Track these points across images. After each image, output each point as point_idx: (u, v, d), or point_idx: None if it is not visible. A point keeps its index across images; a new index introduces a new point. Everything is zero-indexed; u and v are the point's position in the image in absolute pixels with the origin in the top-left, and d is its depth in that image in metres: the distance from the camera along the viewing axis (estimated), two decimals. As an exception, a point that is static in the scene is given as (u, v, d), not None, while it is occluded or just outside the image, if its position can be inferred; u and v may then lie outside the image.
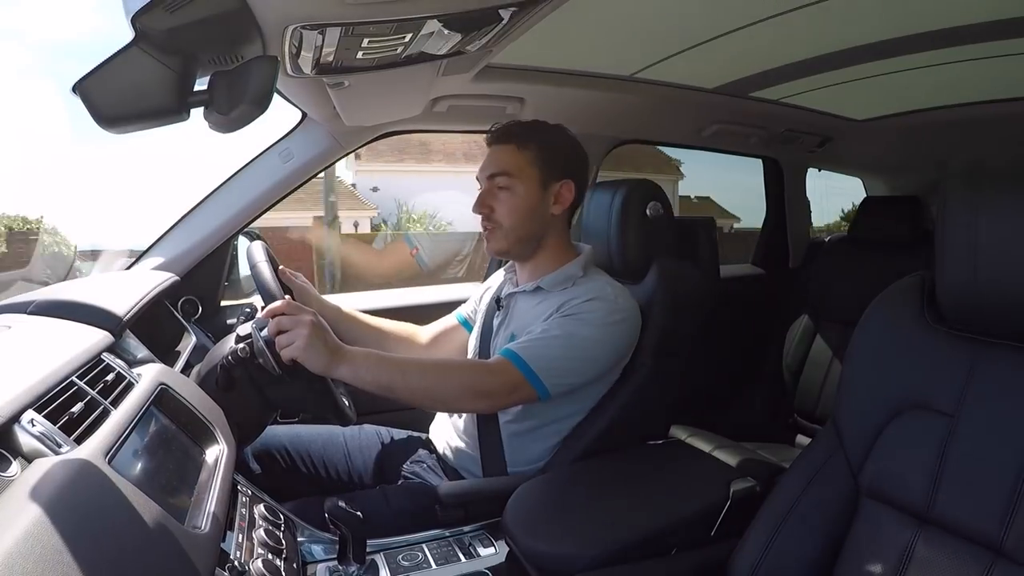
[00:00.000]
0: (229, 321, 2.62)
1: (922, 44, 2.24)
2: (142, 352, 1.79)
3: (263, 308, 1.80)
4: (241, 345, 1.77)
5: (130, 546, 0.97)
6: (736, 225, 23.26)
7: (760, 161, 4.03)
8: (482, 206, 2.03)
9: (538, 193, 2.00)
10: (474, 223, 2.12)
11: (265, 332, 1.69)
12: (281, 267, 2.16)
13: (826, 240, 3.83)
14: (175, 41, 1.03)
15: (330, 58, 1.57)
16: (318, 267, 15.32)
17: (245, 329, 1.82)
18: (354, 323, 2.35)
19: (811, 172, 4.15)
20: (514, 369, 1.81)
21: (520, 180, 1.99)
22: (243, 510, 1.50)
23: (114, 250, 2.74)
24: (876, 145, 3.71)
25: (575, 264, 2.05)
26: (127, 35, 1.00)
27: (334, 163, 2.69)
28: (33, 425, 1.04)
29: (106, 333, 1.61)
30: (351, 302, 2.61)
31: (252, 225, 2.64)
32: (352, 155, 4.55)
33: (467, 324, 2.44)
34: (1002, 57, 2.32)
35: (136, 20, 0.98)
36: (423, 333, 2.48)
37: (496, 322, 2.17)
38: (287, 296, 1.77)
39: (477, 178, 2.08)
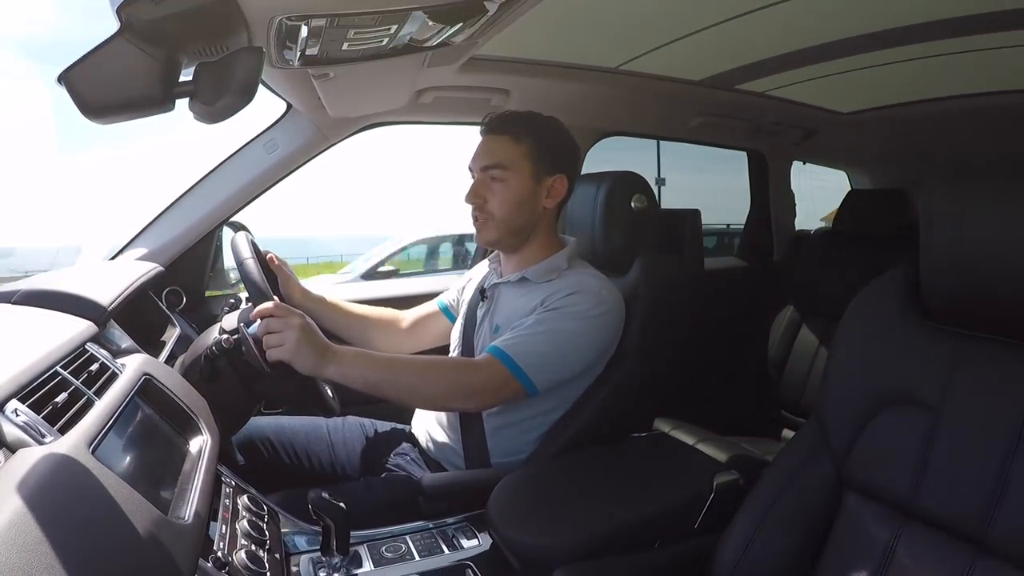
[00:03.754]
0: (214, 312, 2.62)
1: (906, 37, 2.25)
2: (126, 342, 1.79)
3: (246, 299, 1.80)
4: (225, 336, 1.77)
5: (113, 537, 0.97)
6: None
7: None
8: (475, 196, 2.03)
9: (531, 186, 2.00)
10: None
11: (253, 329, 1.70)
12: (270, 255, 2.16)
13: (811, 233, 3.84)
14: (160, 32, 1.03)
15: (315, 49, 1.56)
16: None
17: (230, 320, 1.82)
18: (336, 311, 2.36)
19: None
20: (501, 367, 1.82)
21: (514, 173, 1.99)
22: (227, 501, 1.51)
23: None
24: (861, 138, 3.72)
25: (560, 256, 2.05)
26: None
27: (319, 154, 2.69)
28: (17, 415, 1.04)
29: (90, 323, 1.60)
30: (335, 292, 2.61)
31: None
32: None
33: (448, 312, 2.45)
34: (986, 51, 2.33)
35: (121, 10, 0.98)
36: (404, 319, 2.50)
37: (480, 313, 2.17)
38: (275, 296, 1.78)
39: (469, 167, 2.07)
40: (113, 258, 2.53)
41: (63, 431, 1.10)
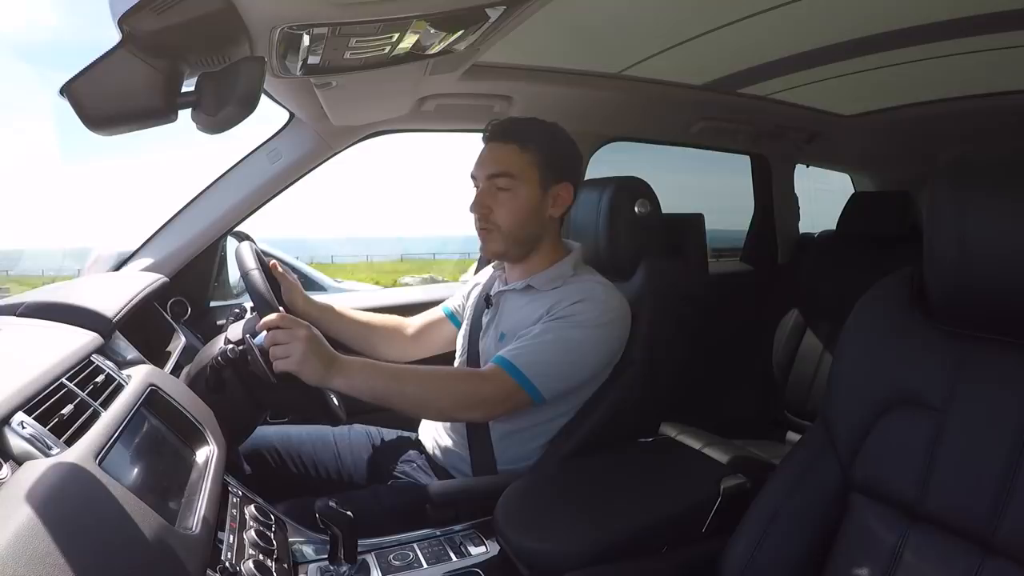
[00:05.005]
0: (218, 322, 2.62)
1: (908, 39, 2.25)
2: (131, 353, 1.79)
3: (251, 309, 1.80)
4: (231, 346, 1.77)
5: (121, 548, 0.97)
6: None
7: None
8: (481, 207, 2.01)
9: (538, 195, 1.99)
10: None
11: (259, 340, 1.70)
12: (272, 262, 2.15)
13: (815, 236, 3.83)
14: (162, 43, 1.03)
15: (317, 58, 1.57)
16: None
17: (235, 330, 1.82)
18: (340, 319, 2.36)
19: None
20: (508, 377, 1.82)
21: (521, 182, 1.97)
22: (234, 511, 1.50)
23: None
24: (864, 140, 3.72)
25: (565, 263, 2.05)
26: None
27: (322, 163, 2.69)
28: (23, 427, 1.04)
29: (95, 335, 1.61)
30: (341, 300, 2.61)
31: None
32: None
33: (454, 318, 2.45)
34: (988, 51, 2.33)
35: (123, 22, 0.98)
36: (409, 326, 2.49)
37: (485, 320, 2.17)
38: (280, 307, 1.78)
39: (473, 175, 2.06)
40: (118, 269, 2.53)
41: (69, 443, 1.10)
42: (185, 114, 1.12)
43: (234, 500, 1.55)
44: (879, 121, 3.45)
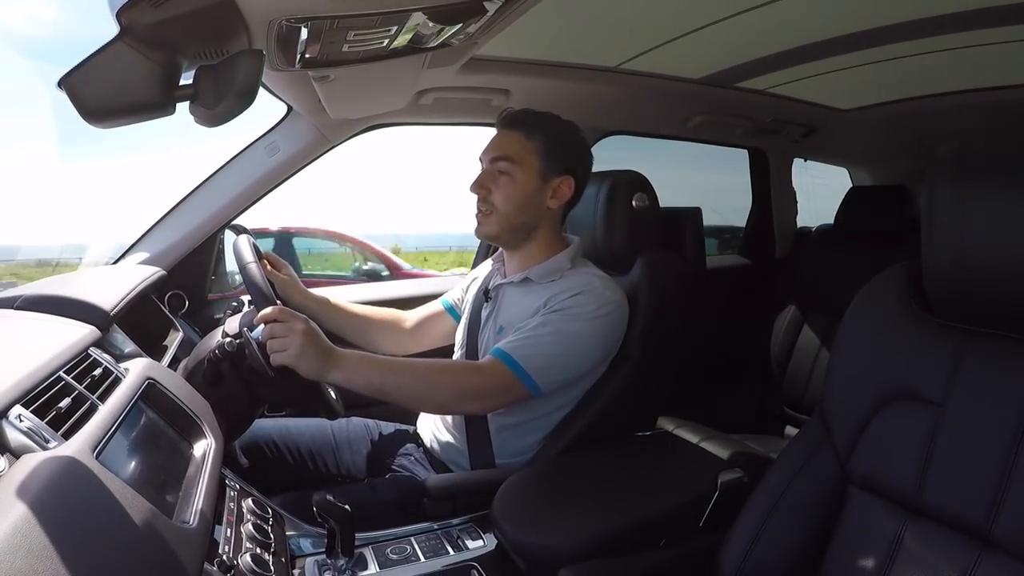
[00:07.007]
0: (216, 315, 2.62)
1: (906, 33, 2.25)
2: (129, 347, 1.79)
3: (249, 302, 1.80)
4: (228, 339, 1.77)
5: (118, 541, 0.97)
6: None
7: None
8: (480, 187, 2.03)
9: (536, 183, 2.00)
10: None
11: (256, 333, 1.70)
12: (264, 256, 2.15)
13: (813, 230, 3.82)
14: (160, 35, 1.03)
15: (315, 51, 1.56)
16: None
17: (232, 323, 1.82)
18: (337, 312, 2.36)
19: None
20: (506, 370, 1.82)
21: (521, 167, 1.99)
22: (231, 504, 1.50)
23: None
24: (862, 134, 3.72)
25: (563, 256, 2.05)
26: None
27: (320, 156, 2.68)
28: (20, 420, 1.04)
29: (93, 328, 1.60)
30: (338, 295, 2.61)
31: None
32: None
33: (453, 311, 2.45)
34: (985, 46, 2.32)
35: (121, 15, 0.98)
36: (408, 319, 2.49)
37: (484, 313, 2.17)
38: (277, 300, 1.78)
39: (480, 158, 2.07)
40: (115, 262, 2.52)
41: (67, 436, 1.10)
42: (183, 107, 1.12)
43: (231, 494, 1.55)
44: (877, 115, 3.45)
